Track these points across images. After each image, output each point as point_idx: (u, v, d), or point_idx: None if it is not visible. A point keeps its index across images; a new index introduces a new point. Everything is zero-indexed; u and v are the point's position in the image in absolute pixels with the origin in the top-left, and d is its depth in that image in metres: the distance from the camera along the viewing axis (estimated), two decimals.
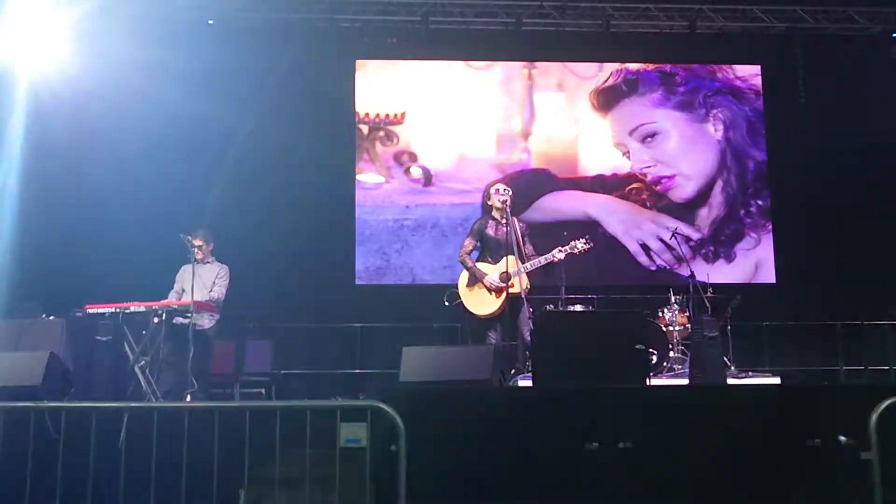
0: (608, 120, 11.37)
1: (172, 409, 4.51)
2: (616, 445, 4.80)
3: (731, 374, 7.86)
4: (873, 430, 4.16)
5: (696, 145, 11.33)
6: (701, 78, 11.47)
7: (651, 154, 11.25)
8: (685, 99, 11.38)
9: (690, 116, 11.35)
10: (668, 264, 10.97)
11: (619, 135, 11.33)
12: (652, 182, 11.20)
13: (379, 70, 11.42)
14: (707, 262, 10.98)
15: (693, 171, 11.27)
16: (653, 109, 11.34)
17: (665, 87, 11.38)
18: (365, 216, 11.06)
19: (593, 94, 11.39)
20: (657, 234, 11.04)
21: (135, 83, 10.43)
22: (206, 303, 7.49)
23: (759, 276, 11.18)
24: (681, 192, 11.23)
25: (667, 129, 11.32)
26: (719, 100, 11.41)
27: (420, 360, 5.90)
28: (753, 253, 11.22)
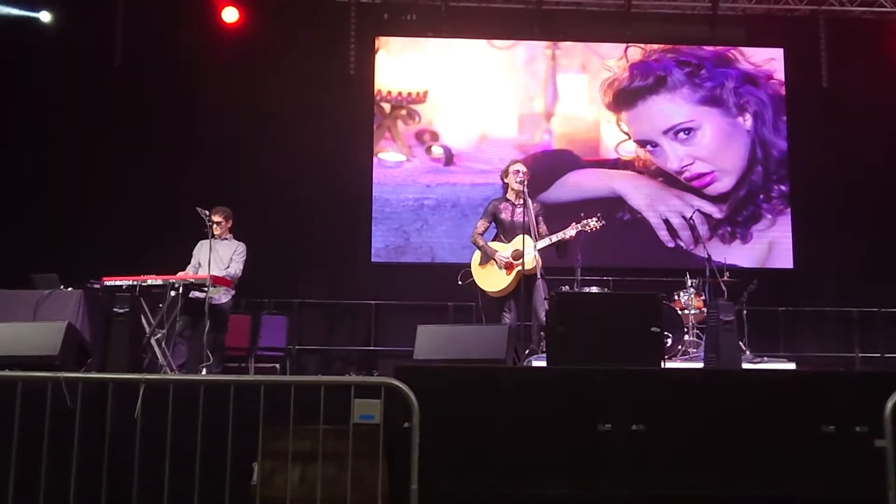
0: (626, 117, 11.27)
1: (188, 382, 4.53)
2: (629, 427, 4.80)
3: (746, 359, 7.84)
4: (888, 417, 4.14)
5: (732, 139, 11.24)
6: (724, 68, 11.33)
7: (687, 151, 11.16)
8: (714, 94, 11.26)
9: (721, 110, 11.24)
10: (686, 244, 10.93)
11: (646, 132, 11.21)
12: (690, 179, 11.12)
13: (401, 48, 11.39)
14: (724, 243, 10.94)
15: (729, 165, 11.19)
16: (684, 106, 11.22)
17: (691, 83, 11.26)
18: (386, 195, 11.05)
19: (611, 92, 11.28)
20: (681, 212, 10.98)
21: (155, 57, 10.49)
22: (222, 278, 7.51)
23: (773, 258, 11.10)
24: (718, 188, 11.17)
25: (701, 126, 11.21)
26: (747, 89, 11.29)
27: (434, 338, 5.90)
28: (768, 234, 11.14)
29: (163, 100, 10.48)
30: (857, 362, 10.25)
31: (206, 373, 7.11)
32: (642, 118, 11.24)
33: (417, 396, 4.09)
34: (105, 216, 10.14)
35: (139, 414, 4.22)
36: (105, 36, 10.63)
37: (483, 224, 7.52)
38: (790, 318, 10.57)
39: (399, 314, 10.36)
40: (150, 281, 7.12)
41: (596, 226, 7.30)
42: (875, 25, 11.13)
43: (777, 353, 9.46)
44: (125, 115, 10.45)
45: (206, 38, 10.63)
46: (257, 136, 10.55)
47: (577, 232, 7.26)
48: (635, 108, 11.25)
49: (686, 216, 10.71)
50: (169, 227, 8.97)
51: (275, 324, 9.38)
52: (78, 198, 10.26)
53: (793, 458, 4.81)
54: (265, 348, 9.12)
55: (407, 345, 6.17)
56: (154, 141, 10.40)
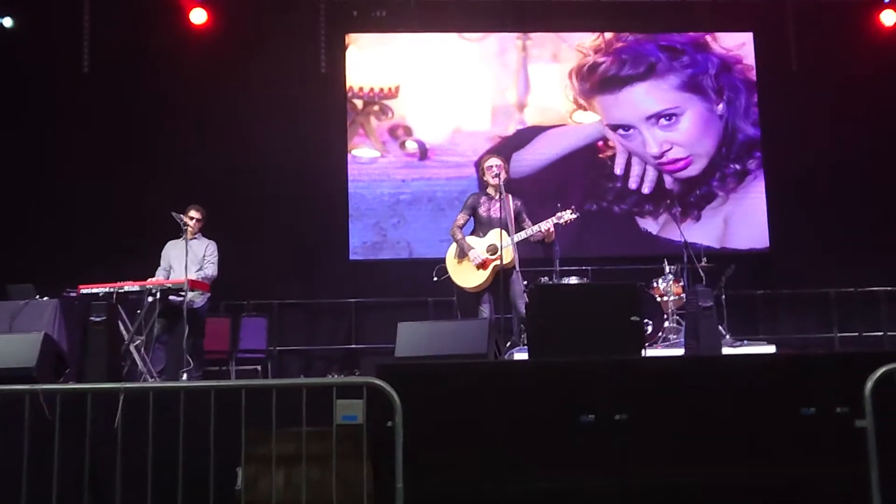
0: (602, 102, 11.28)
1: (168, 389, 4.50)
2: (612, 417, 4.81)
3: (726, 343, 7.87)
4: (868, 397, 4.17)
5: (709, 125, 11.31)
6: (704, 53, 11.39)
7: (667, 137, 11.20)
8: (696, 80, 11.32)
9: (701, 97, 11.30)
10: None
11: (624, 118, 11.24)
12: (665, 163, 11.17)
13: (372, 44, 11.33)
14: (675, 222, 11.02)
15: (703, 150, 11.26)
16: (669, 92, 11.27)
17: (674, 69, 11.31)
18: (361, 191, 11.01)
19: (590, 77, 11.30)
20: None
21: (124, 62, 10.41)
22: (199, 281, 7.47)
23: (732, 235, 11.12)
24: (689, 172, 11.23)
25: (684, 112, 11.27)
26: (724, 76, 11.36)
27: (415, 335, 5.89)
28: (721, 210, 11.18)
29: (133, 104, 10.40)
30: (836, 343, 10.33)
31: (186, 378, 7.08)
32: (622, 104, 11.26)
33: (400, 394, 4.09)
34: (78, 222, 10.05)
35: (119, 423, 4.19)
36: (73, 42, 10.51)
37: (462, 217, 7.51)
38: (768, 301, 10.63)
39: (379, 311, 10.35)
40: (126, 287, 7.08)
41: (570, 218, 7.32)
42: (843, 7, 11.18)
43: (757, 336, 9.49)
44: (95, 120, 10.35)
45: (174, 41, 10.54)
46: (229, 138, 10.48)
47: (554, 224, 7.26)
48: (615, 94, 11.27)
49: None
50: (143, 231, 8.90)
51: (255, 326, 9.35)
52: (49, 205, 10.16)
53: (774, 441, 4.84)
54: (246, 351, 9.10)
55: (388, 342, 6.16)
56: (125, 145, 10.32)
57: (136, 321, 7.06)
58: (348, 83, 11.16)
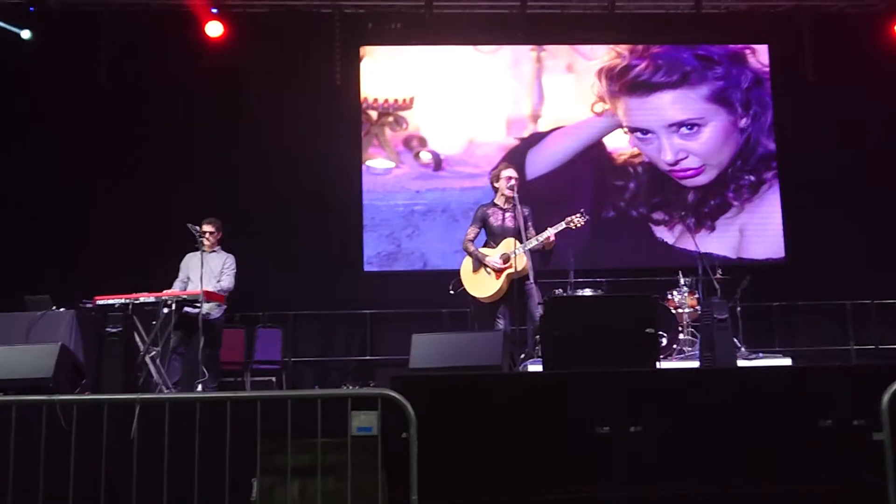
0: (627, 104, 11.29)
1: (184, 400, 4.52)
2: (627, 429, 4.80)
3: (741, 356, 7.85)
4: (885, 410, 4.14)
5: (729, 137, 11.30)
6: (740, 67, 11.39)
7: (683, 145, 11.20)
8: (726, 93, 11.33)
9: (728, 109, 11.30)
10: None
11: (646, 122, 11.25)
12: (678, 171, 11.16)
13: (386, 56, 11.38)
14: (689, 233, 10.99)
15: (717, 161, 11.24)
16: (696, 102, 11.27)
17: (706, 79, 11.33)
18: (375, 202, 11.04)
19: (617, 80, 11.32)
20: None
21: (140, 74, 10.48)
22: (215, 293, 7.50)
23: (747, 246, 11.07)
24: (698, 181, 11.23)
25: (708, 123, 11.27)
26: (755, 91, 11.35)
27: (430, 346, 5.90)
28: (736, 221, 11.14)
29: (149, 115, 10.45)
30: (853, 355, 10.26)
31: (201, 389, 7.10)
32: (648, 109, 11.27)
33: (414, 405, 4.09)
34: (95, 234, 10.10)
35: (135, 434, 4.20)
36: (91, 53, 10.60)
37: (473, 230, 7.50)
38: (784, 313, 10.58)
39: (394, 322, 10.34)
40: (142, 298, 7.09)
41: (580, 222, 7.27)
42: (858, 19, 11.15)
43: (772, 348, 9.46)
44: (112, 132, 10.41)
45: (190, 53, 10.61)
46: (245, 149, 10.55)
47: (564, 228, 7.22)
48: (643, 98, 11.28)
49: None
50: (160, 243, 8.93)
51: (270, 337, 9.36)
52: (66, 216, 10.23)
53: (792, 454, 4.82)
54: (261, 362, 9.10)
55: (403, 353, 6.17)
56: (142, 157, 10.37)
57: (151, 332, 7.09)
58: (363, 94, 11.20)
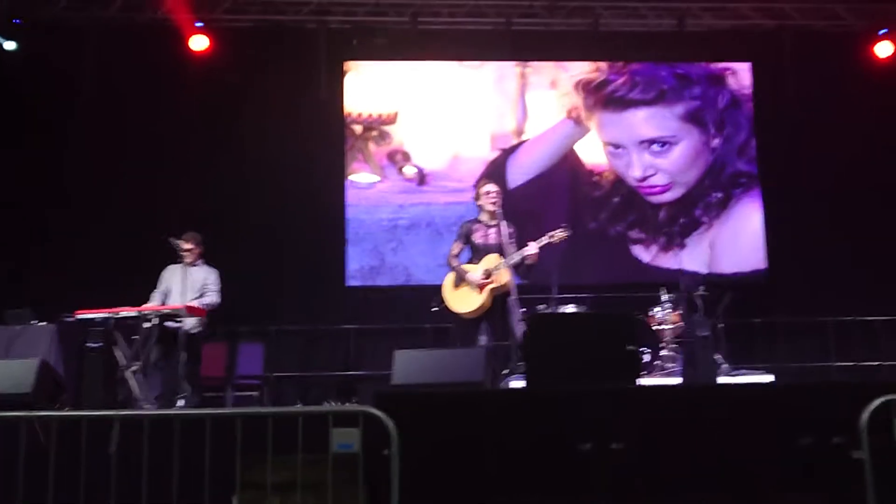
0: (602, 119, 11.34)
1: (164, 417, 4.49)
2: (609, 446, 4.80)
3: (723, 372, 7.87)
4: (864, 428, 4.16)
5: (699, 157, 11.34)
6: (718, 88, 11.45)
7: (653, 162, 11.24)
8: (700, 113, 11.38)
9: (700, 129, 11.35)
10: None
11: (618, 137, 11.29)
12: (645, 188, 11.20)
13: (371, 70, 11.39)
14: (664, 251, 11.09)
15: (685, 179, 11.27)
16: (669, 120, 11.32)
17: (682, 98, 11.38)
18: (359, 216, 11.03)
19: (594, 93, 11.37)
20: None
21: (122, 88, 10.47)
22: (197, 307, 7.46)
23: (718, 261, 11.09)
24: (664, 198, 11.25)
25: (679, 142, 11.32)
26: (731, 112, 11.42)
27: (412, 362, 5.89)
28: (705, 236, 11.16)
29: (132, 129, 10.44)
30: (834, 372, 10.31)
31: (183, 404, 7.06)
32: (621, 124, 11.32)
33: (396, 422, 4.08)
34: (76, 247, 10.04)
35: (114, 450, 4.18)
36: (74, 66, 10.55)
37: (457, 246, 7.46)
38: (766, 330, 10.61)
39: (377, 338, 10.32)
40: (123, 313, 7.05)
41: (563, 236, 7.26)
42: (840, 38, 11.25)
43: (754, 364, 9.48)
44: (94, 144, 10.38)
45: (175, 67, 10.60)
46: (228, 163, 10.52)
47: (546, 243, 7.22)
48: (617, 114, 11.34)
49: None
50: (142, 257, 8.88)
51: (252, 352, 9.32)
52: (48, 230, 10.17)
53: (772, 472, 4.83)
54: (243, 377, 9.06)
55: (385, 369, 6.16)
56: (125, 170, 10.35)
57: (133, 347, 7.05)
58: (347, 108, 11.20)
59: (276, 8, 10.91)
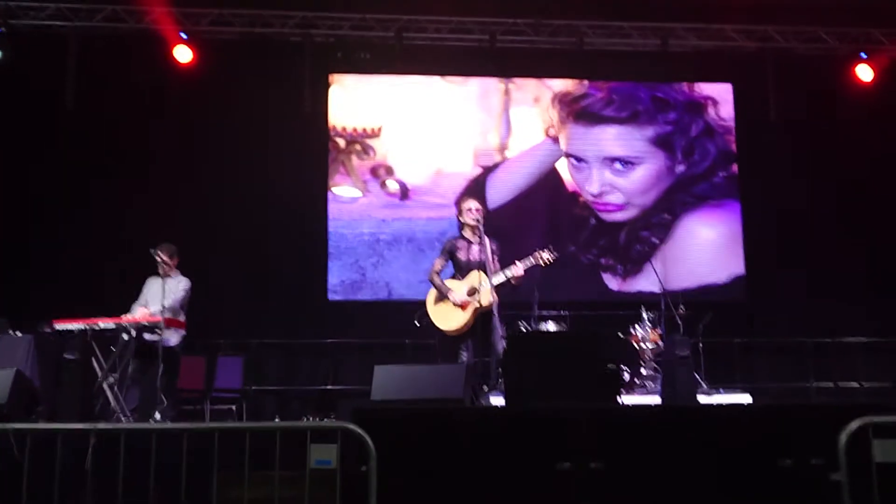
0: (571, 131, 11.38)
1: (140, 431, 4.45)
2: (588, 465, 4.79)
3: (702, 392, 7.90)
4: (843, 450, 4.16)
5: (660, 181, 11.34)
6: (694, 116, 11.50)
7: (611, 180, 11.27)
8: (670, 138, 11.41)
9: (667, 154, 11.38)
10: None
11: (582, 150, 11.32)
12: (598, 204, 11.21)
13: (355, 84, 11.40)
14: (617, 277, 11.12)
15: (640, 201, 11.28)
16: (637, 141, 11.35)
17: (655, 121, 11.41)
18: (341, 230, 11.01)
19: (570, 106, 11.42)
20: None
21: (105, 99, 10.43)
22: (175, 320, 7.42)
23: (674, 276, 10.89)
24: (615, 217, 11.26)
25: (643, 164, 11.35)
26: (702, 142, 11.44)
27: (392, 378, 5.88)
28: (657, 257, 11.02)
29: (114, 140, 10.40)
30: (812, 392, 10.35)
31: (160, 417, 7.01)
32: (589, 138, 11.36)
33: (374, 438, 4.06)
34: (56, 257, 9.99)
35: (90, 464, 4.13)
36: (57, 78, 10.50)
37: (440, 262, 7.46)
38: (745, 350, 10.65)
39: (357, 353, 10.27)
40: (101, 324, 7.01)
41: (549, 258, 7.28)
42: (821, 61, 11.36)
43: (733, 384, 9.51)
44: (76, 156, 10.33)
45: (158, 79, 10.57)
46: (210, 175, 10.50)
47: (532, 265, 7.23)
48: (588, 128, 11.38)
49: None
50: (122, 268, 8.85)
51: (231, 365, 9.26)
52: (27, 240, 10.11)
53: (750, 493, 4.82)
54: (221, 390, 8.99)
55: (365, 384, 6.14)
56: (106, 181, 10.28)
57: (110, 359, 6.99)
58: (331, 122, 11.20)
59: (262, 20, 10.91)
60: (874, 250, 10.89)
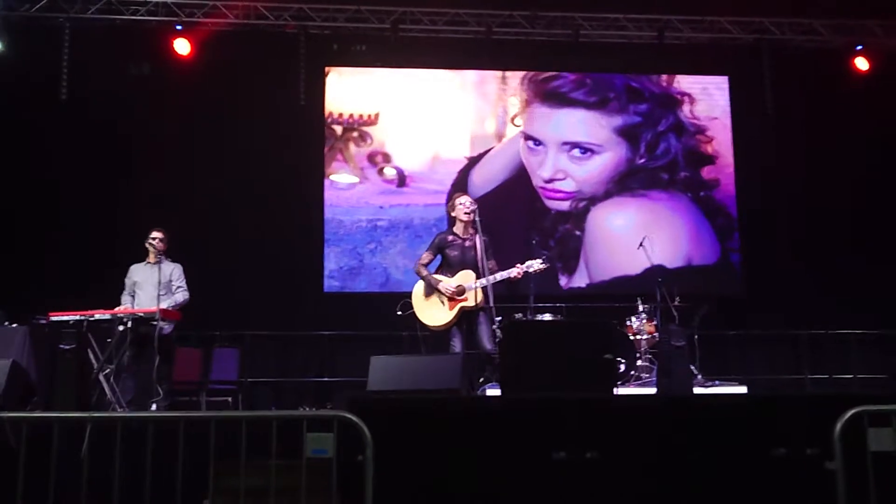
0: (533, 111, 11.37)
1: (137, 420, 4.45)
2: (583, 455, 4.80)
3: (698, 383, 7.91)
4: (837, 439, 4.18)
5: (615, 171, 11.31)
6: (666, 111, 11.45)
7: (566, 167, 11.25)
8: (637, 130, 11.37)
9: (630, 145, 11.33)
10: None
11: (541, 132, 11.30)
12: (549, 191, 11.19)
13: (353, 71, 11.42)
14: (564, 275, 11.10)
15: (590, 191, 11.24)
16: (603, 129, 11.32)
17: (624, 110, 11.37)
18: (339, 216, 11.03)
19: (539, 86, 11.41)
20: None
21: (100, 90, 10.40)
22: (171, 311, 7.40)
23: (593, 272, 11.04)
24: (561, 206, 11.24)
25: (603, 153, 11.32)
26: (668, 140, 11.39)
27: (388, 369, 5.88)
28: (581, 251, 11.14)
29: (108, 131, 10.37)
30: (807, 384, 10.38)
31: (155, 407, 7.00)
32: (551, 121, 11.34)
33: (371, 428, 4.06)
34: (51, 248, 9.98)
35: (86, 453, 4.13)
36: (52, 68, 10.48)
37: (427, 256, 7.40)
38: (741, 342, 10.68)
39: (353, 344, 10.28)
40: (97, 315, 6.99)
41: (540, 268, 7.25)
42: (817, 53, 11.37)
43: (728, 376, 9.53)
44: (71, 147, 10.30)
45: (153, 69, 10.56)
46: (205, 166, 10.51)
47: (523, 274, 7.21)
48: (552, 109, 11.37)
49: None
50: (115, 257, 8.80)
51: (226, 356, 9.24)
52: (22, 231, 10.09)
53: (745, 482, 4.83)
54: (217, 381, 8.98)
55: (361, 375, 6.13)
56: (99, 171, 10.27)
57: (106, 350, 6.98)
58: (328, 109, 11.21)
59: (257, 13, 10.89)
60: (870, 242, 10.90)
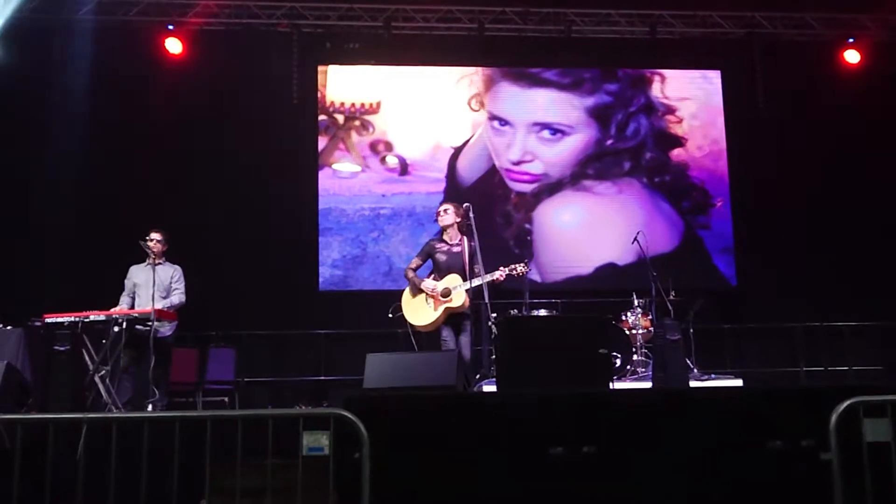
0: (500, 92, 11.38)
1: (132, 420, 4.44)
2: (580, 450, 4.80)
3: (693, 377, 7.92)
4: (833, 431, 4.19)
5: (584, 154, 11.32)
6: (636, 91, 11.45)
7: (534, 148, 11.27)
8: (607, 111, 11.38)
9: (600, 126, 11.34)
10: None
11: (508, 112, 11.32)
12: (515, 173, 11.20)
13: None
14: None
15: (558, 174, 11.25)
16: (574, 110, 11.35)
17: (596, 91, 11.39)
18: (342, 205, 11.06)
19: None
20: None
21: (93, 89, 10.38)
22: (167, 311, 7.39)
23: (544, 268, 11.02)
24: (526, 189, 11.25)
25: (573, 134, 11.33)
26: (638, 120, 11.41)
27: (384, 366, 5.89)
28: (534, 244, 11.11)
29: (102, 130, 10.34)
30: (802, 376, 10.40)
31: (152, 408, 7.00)
32: (519, 100, 11.36)
33: (368, 426, 4.05)
34: (45, 250, 9.95)
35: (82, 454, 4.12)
36: (45, 68, 10.46)
37: (417, 261, 7.60)
38: (736, 335, 10.70)
39: (349, 342, 10.28)
40: (92, 317, 6.97)
41: (523, 270, 7.36)
42: (808, 46, 11.39)
43: (724, 369, 9.55)
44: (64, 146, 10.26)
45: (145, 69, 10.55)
46: (199, 167, 10.49)
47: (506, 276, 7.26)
48: (521, 88, 11.39)
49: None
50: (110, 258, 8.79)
51: (223, 356, 9.26)
52: (16, 233, 10.06)
53: (741, 474, 4.84)
54: (213, 381, 8.99)
55: (357, 373, 6.14)
56: (93, 171, 10.25)
57: (101, 351, 6.97)
58: (329, 98, 11.23)
59: (249, 12, 10.88)
60: (862, 235, 10.91)
